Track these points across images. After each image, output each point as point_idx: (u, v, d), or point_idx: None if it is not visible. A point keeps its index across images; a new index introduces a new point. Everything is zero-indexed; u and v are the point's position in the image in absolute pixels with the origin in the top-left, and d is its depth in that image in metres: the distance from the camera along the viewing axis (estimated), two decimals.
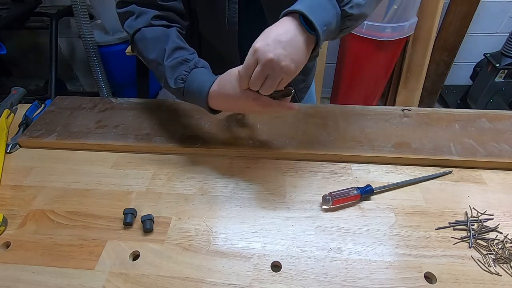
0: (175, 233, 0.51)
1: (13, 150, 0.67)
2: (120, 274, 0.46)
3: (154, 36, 0.58)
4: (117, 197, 0.57)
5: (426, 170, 0.60)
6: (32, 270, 0.47)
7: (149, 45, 0.58)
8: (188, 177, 0.60)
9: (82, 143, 0.66)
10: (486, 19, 1.81)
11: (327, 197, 0.53)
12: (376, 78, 1.77)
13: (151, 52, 0.57)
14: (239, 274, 0.45)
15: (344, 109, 0.73)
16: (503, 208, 0.54)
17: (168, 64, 0.55)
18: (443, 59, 1.84)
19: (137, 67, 1.52)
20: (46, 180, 0.61)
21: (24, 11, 1.70)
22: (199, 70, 0.55)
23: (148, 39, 0.58)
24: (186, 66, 0.55)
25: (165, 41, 0.56)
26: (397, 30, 1.53)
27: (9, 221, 0.53)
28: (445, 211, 0.53)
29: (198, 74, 0.54)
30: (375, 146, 0.63)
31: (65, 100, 0.79)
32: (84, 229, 0.52)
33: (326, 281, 0.44)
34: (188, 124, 0.70)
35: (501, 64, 1.66)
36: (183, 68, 0.54)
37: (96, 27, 1.77)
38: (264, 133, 0.66)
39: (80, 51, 2.12)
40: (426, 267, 0.46)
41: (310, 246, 0.49)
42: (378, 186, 0.56)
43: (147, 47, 0.58)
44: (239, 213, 0.54)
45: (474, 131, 0.66)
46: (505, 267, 0.46)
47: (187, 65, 0.55)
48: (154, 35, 0.58)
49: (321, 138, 0.65)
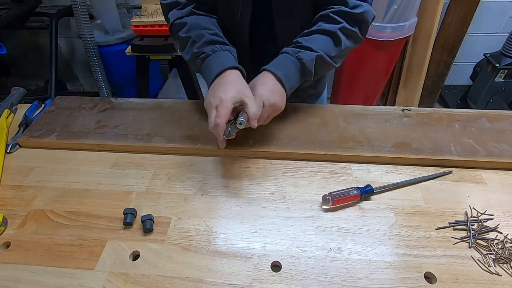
0: (175, 233, 0.51)
1: (13, 150, 0.67)
2: (120, 274, 0.46)
3: (196, 22, 0.65)
4: (117, 197, 0.57)
5: (426, 170, 0.60)
6: (32, 270, 0.47)
7: (191, 26, 0.65)
8: (188, 177, 0.60)
9: (82, 143, 0.66)
10: (486, 19, 1.81)
11: (327, 197, 0.53)
12: (376, 78, 1.77)
13: (191, 31, 0.65)
14: (239, 274, 0.46)
15: (344, 109, 0.73)
16: (503, 208, 0.54)
17: (208, 38, 0.63)
18: (443, 59, 1.84)
19: (137, 67, 1.52)
20: (46, 180, 0.61)
21: (24, 11, 1.71)
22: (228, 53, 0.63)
23: (191, 24, 0.65)
24: (218, 45, 0.62)
25: (205, 25, 0.65)
26: (397, 30, 1.54)
27: (9, 221, 0.53)
28: (445, 211, 0.53)
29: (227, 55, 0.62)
30: (375, 146, 0.63)
31: (65, 100, 0.79)
32: (84, 229, 0.52)
33: (326, 281, 0.44)
34: (188, 124, 0.70)
35: (501, 64, 1.66)
36: (215, 45, 0.62)
37: (96, 27, 1.77)
38: (264, 133, 0.66)
39: (80, 51, 2.12)
40: (426, 267, 0.46)
41: (310, 246, 0.49)
42: (378, 186, 0.56)
43: (189, 28, 0.65)
44: (239, 213, 0.54)
45: (474, 131, 0.66)
46: (505, 267, 0.46)
47: (220, 45, 0.63)
48: (197, 21, 0.66)
49: (321, 138, 0.65)
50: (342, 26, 0.62)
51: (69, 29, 1.99)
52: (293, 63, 0.61)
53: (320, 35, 0.62)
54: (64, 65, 2.16)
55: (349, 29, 0.62)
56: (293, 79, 0.61)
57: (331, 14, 0.62)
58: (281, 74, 0.59)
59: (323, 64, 0.63)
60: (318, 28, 0.62)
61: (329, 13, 0.62)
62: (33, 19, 1.81)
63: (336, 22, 0.62)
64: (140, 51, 1.41)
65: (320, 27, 0.62)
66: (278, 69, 0.60)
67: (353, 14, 0.62)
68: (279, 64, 0.61)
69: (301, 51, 0.61)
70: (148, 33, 1.43)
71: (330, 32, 0.62)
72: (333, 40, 0.62)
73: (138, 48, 1.40)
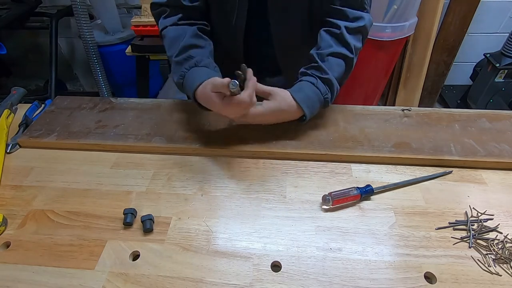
0: (175, 233, 0.51)
1: (13, 150, 0.67)
2: (120, 274, 0.46)
3: (174, 35, 0.65)
4: (117, 197, 0.57)
5: (426, 170, 0.60)
6: (32, 270, 0.47)
7: (169, 43, 0.65)
8: (188, 177, 0.60)
9: (82, 143, 0.66)
10: (486, 19, 1.81)
11: (327, 197, 0.53)
12: (376, 78, 1.77)
13: (169, 49, 0.65)
14: (239, 274, 0.45)
15: (344, 109, 0.73)
16: (503, 208, 0.54)
17: (175, 60, 0.62)
18: (443, 59, 1.84)
19: (137, 67, 1.52)
20: (46, 180, 0.61)
21: (24, 11, 1.71)
22: (199, 69, 0.60)
23: (169, 38, 0.65)
24: (187, 64, 0.60)
25: (181, 39, 0.63)
26: (397, 30, 1.53)
27: (9, 221, 0.53)
28: (445, 211, 0.53)
29: (195, 73, 0.60)
30: (375, 146, 0.63)
31: (65, 100, 0.79)
32: (84, 229, 0.52)
33: (326, 281, 0.44)
34: (188, 124, 0.70)
35: (501, 64, 1.66)
36: (184, 65, 0.61)
37: (96, 27, 1.77)
38: (264, 133, 0.66)
39: (80, 51, 2.12)
40: (426, 267, 0.46)
41: (310, 246, 0.49)
42: (378, 186, 0.56)
43: (167, 45, 0.65)
44: (239, 213, 0.54)
45: (474, 131, 0.66)
46: (505, 267, 0.46)
47: (189, 63, 0.61)
48: (174, 34, 0.65)
49: (321, 138, 0.65)
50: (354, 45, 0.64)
51: (69, 29, 1.99)
52: (320, 101, 0.63)
53: (335, 58, 0.64)
54: (64, 65, 2.16)
55: (358, 48, 0.66)
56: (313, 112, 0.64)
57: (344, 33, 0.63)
58: (307, 112, 0.62)
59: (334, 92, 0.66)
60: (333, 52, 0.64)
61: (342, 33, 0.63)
62: (33, 19, 1.81)
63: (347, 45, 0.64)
64: (140, 51, 1.41)
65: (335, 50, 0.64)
66: (307, 107, 0.61)
67: (357, 28, 0.64)
68: (307, 99, 0.62)
69: (328, 92, 0.63)
70: (148, 33, 1.43)
71: (346, 57, 0.64)
72: (346, 66, 0.66)
73: (138, 48, 1.40)
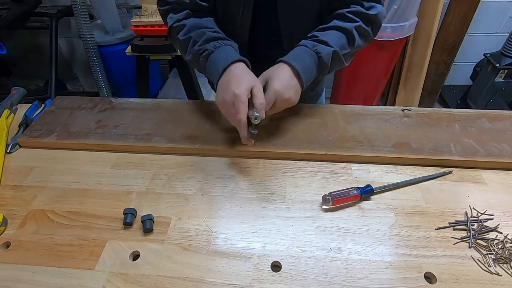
0: (175, 233, 0.51)
1: (13, 150, 0.67)
2: (120, 274, 0.46)
3: (194, 22, 0.65)
4: (117, 197, 0.57)
5: (426, 170, 0.60)
6: (32, 270, 0.47)
7: (188, 29, 0.65)
8: (188, 177, 0.60)
9: (82, 143, 0.66)
10: (486, 19, 1.81)
11: (327, 197, 0.53)
12: (376, 78, 1.77)
13: (190, 33, 0.64)
14: (239, 274, 0.45)
15: (344, 109, 0.73)
16: (503, 208, 0.54)
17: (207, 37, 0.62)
18: (443, 59, 1.84)
19: (137, 67, 1.52)
20: (46, 180, 0.61)
21: (24, 11, 1.71)
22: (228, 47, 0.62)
23: (188, 25, 0.65)
24: (220, 42, 0.62)
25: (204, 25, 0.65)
26: (397, 30, 1.54)
27: (9, 221, 0.53)
28: (445, 211, 0.53)
29: (226, 50, 0.61)
30: (375, 146, 0.63)
31: (65, 100, 0.79)
32: (84, 229, 0.52)
33: (326, 281, 0.44)
34: (188, 124, 0.70)
35: (501, 64, 1.66)
36: (216, 41, 0.62)
37: (96, 27, 1.77)
38: (264, 133, 0.66)
39: (80, 51, 2.12)
40: (426, 267, 0.46)
41: (310, 246, 0.49)
42: (378, 186, 0.56)
43: (187, 31, 0.65)
44: (239, 213, 0.54)
45: (474, 131, 0.66)
46: (505, 267, 0.46)
47: (221, 41, 0.62)
48: (194, 22, 0.65)
49: (321, 138, 0.65)
50: (358, 25, 0.62)
51: (69, 29, 1.99)
52: (311, 56, 0.60)
53: (335, 31, 0.62)
54: (64, 65, 2.16)
55: (363, 29, 0.63)
56: (309, 72, 0.60)
57: (347, 14, 0.62)
58: (299, 67, 0.58)
59: (336, 61, 0.62)
60: (333, 25, 0.62)
61: (345, 12, 0.62)
62: (33, 19, 1.81)
63: (352, 21, 0.62)
64: (140, 51, 1.41)
65: (335, 24, 0.62)
66: (296, 61, 0.58)
67: (368, 15, 0.62)
68: (297, 56, 0.60)
69: (318, 44, 0.60)
70: (148, 33, 1.43)
71: (345, 30, 0.62)
72: (348, 38, 0.62)
73: (138, 48, 1.40)
